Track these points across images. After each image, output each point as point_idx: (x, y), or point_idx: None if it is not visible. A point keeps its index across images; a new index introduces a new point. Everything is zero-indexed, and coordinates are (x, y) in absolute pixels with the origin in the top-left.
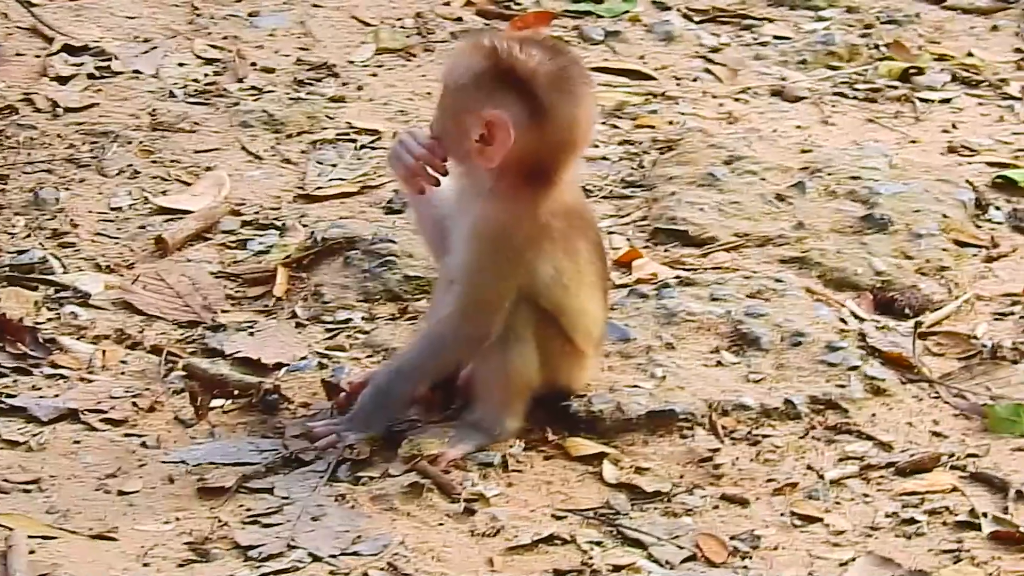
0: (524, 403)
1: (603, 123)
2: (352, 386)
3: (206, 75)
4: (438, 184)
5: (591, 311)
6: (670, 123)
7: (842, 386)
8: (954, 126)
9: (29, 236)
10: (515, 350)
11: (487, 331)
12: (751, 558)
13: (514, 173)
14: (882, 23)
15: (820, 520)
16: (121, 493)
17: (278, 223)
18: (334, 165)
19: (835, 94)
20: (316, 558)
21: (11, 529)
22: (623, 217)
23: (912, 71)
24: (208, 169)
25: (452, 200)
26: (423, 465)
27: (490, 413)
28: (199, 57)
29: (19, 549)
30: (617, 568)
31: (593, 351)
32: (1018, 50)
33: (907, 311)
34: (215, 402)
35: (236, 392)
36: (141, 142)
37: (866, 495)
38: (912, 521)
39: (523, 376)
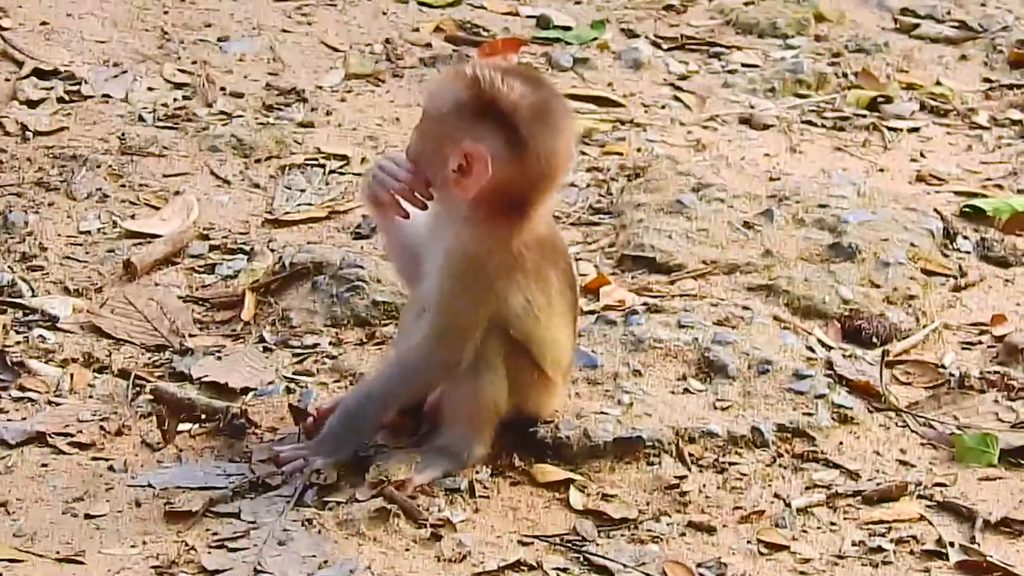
0: (492, 429)
1: None
2: (320, 411)
3: (175, 99)
4: (424, 207)
5: (560, 340)
6: (638, 150)
7: (809, 414)
8: (922, 155)
9: None
10: (485, 377)
11: (458, 358)
12: None
13: (490, 203)
14: (851, 51)
15: (787, 548)
16: (88, 517)
17: (246, 248)
18: (302, 190)
19: (803, 122)
20: None
21: None
22: (591, 244)
23: (880, 100)
24: (177, 193)
25: (425, 226)
26: (390, 490)
27: (457, 439)
28: (169, 81)
29: None
30: None
31: (561, 379)
32: (986, 79)
33: (874, 339)
34: (182, 426)
35: (203, 416)
36: (110, 166)
37: (833, 523)
38: (879, 550)
39: (492, 403)
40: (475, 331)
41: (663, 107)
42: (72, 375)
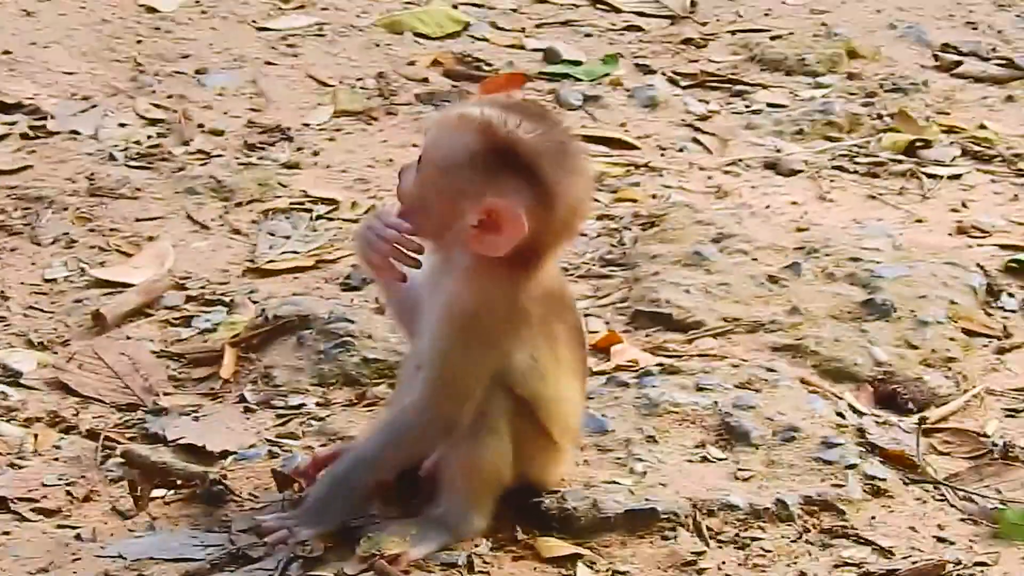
0: (494, 499)
1: None
2: (316, 459)
3: (149, 137)
4: (419, 266)
5: (569, 401)
6: (653, 197)
7: (839, 486)
8: (964, 204)
9: None
10: (486, 441)
11: (456, 421)
12: None
13: (504, 256)
14: (886, 91)
15: None
16: None
17: (226, 299)
18: (287, 237)
19: (834, 168)
20: None
21: None
22: (602, 298)
23: (918, 144)
24: (150, 239)
25: (422, 276)
26: (381, 565)
27: (456, 509)
28: (142, 117)
29: None
30: None
31: (570, 444)
32: None
33: (911, 405)
34: (156, 492)
35: (179, 482)
36: (78, 208)
37: None
38: None
39: (494, 470)
40: (476, 390)
41: (681, 150)
42: (36, 435)
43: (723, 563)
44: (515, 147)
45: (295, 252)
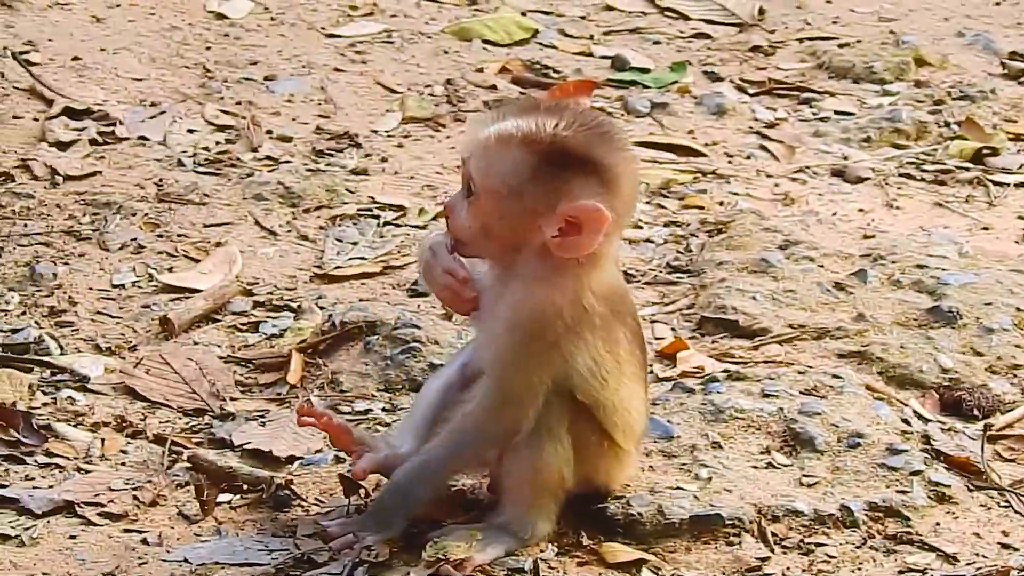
0: (557, 504)
1: (648, 203)
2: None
3: (218, 143)
4: (476, 307)
5: (631, 404)
6: (721, 204)
7: (903, 492)
8: None
9: (24, 314)
10: (548, 447)
11: (517, 426)
12: None
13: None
14: (954, 99)
15: None
16: None
17: (293, 304)
18: (354, 243)
19: (901, 175)
20: None
21: None
22: (668, 305)
23: (986, 151)
24: (218, 245)
25: (484, 284)
26: (447, 570)
27: (519, 515)
28: (210, 123)
29: None
30: None
31: (633, 449)
32: None
33: (976, 412)
34: (222, 497)
35: (245, 487)
36: (146, 214)
37: None
38: None
39: (556, 475)
40: (537, 396)
41: (748, 157)
42: (103, 440)
43: (788, 569)
44: (565, 147)
45: (362, 258)
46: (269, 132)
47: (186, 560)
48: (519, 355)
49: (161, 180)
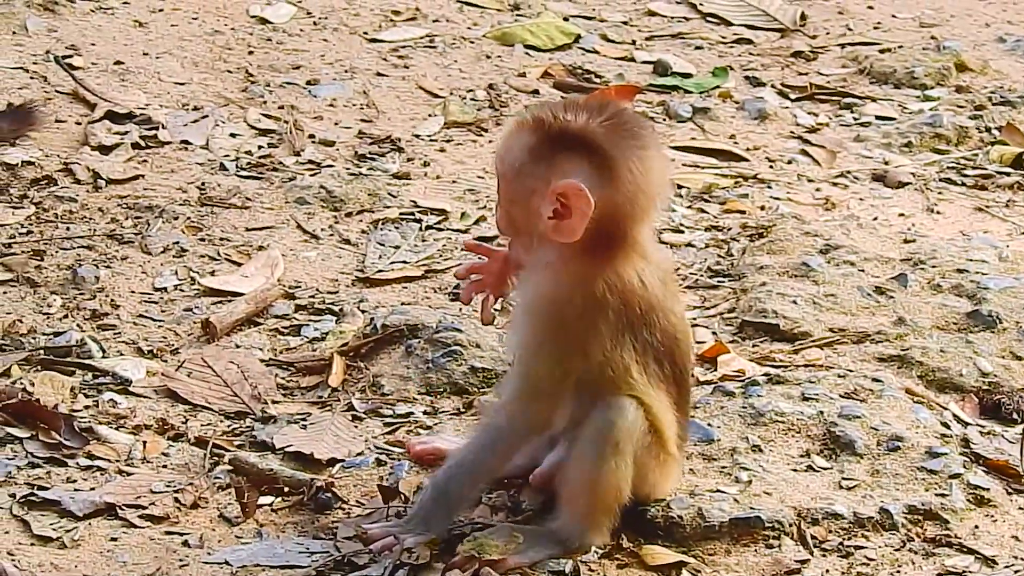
0: (611, 519)
1: (689, 207)
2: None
3: (260, 147)
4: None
5: (667, 412)
6: (762, 208)
7: (943, 495)
8: None
9: (66, 317)
10: (612, 461)
11: (546, 419)
12: None
13: (584, 239)
14: (994, 104)
15: None
16: None
17: (335, 308)
18: (396, 247)
19: (942, 180)
20: None
21: None
22: (709, 308)
23: None
24: (260, 248)
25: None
26: (486, 572)
27: (573, 525)
28: (253, 128)
29: None
30: None
31: (678, 453)
32: None
33: (1015, 416)
34: (263, 499)
35: (286, 489)
36: (189, 218)
37: None
38: None
39: (615, 490)
40: (561, 387)
41: (789, 162)
42: (145, 443)
43: (827, 571)
44: (566, 131)
45: (404, 262)
46: (311, 136)
47: (227, 562)
48: (535, 342)
49: (203, 184)
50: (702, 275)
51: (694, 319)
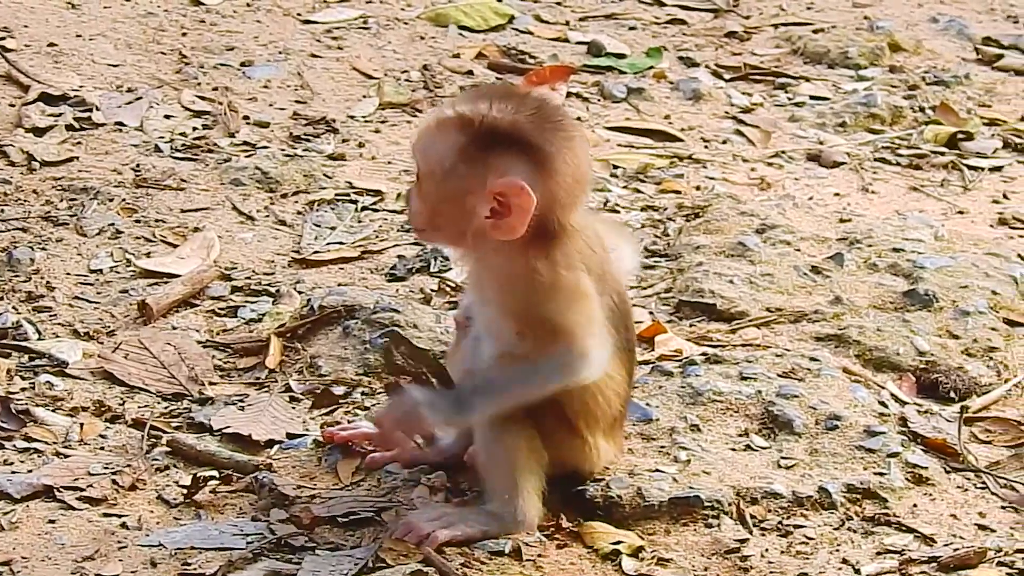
0: (534, 492)
1: (625, 187)
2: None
3: (195, 128)
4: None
5: (603, 391)
6: (697, 188)
7: (881, 474)
8: (1005, 196)
9: (1, 299)
10: (511, 429)
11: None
12: None
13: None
14: (928, 84)
15: None
16: None
17: (271, 289)
18: (332, 228)
19: (876, 160)
20: None
21: None
22: (646, 289)
23: (960, 136)
24: (196, 230)
25: (470, 295)
26: (428, 552)
27: (500, 496)
28: (187, 109)
29: None
30: None
31: (601, 438)
32: None
33: (952, 394)
34: (203, 481)
35: (224, 471)
36: (124, 199)
37: None
38: None
39: (526, 453)
40: (592, 322)
41: (724, 142)
42: (82, 425)
43: (766, 550)
44: (496, 127)
45: (340, 243)
46: (246, 118)
47: (162, 544)
48: (538, 305)
49: (138, 165)
50: (639, 255)
51: (631, 299)
